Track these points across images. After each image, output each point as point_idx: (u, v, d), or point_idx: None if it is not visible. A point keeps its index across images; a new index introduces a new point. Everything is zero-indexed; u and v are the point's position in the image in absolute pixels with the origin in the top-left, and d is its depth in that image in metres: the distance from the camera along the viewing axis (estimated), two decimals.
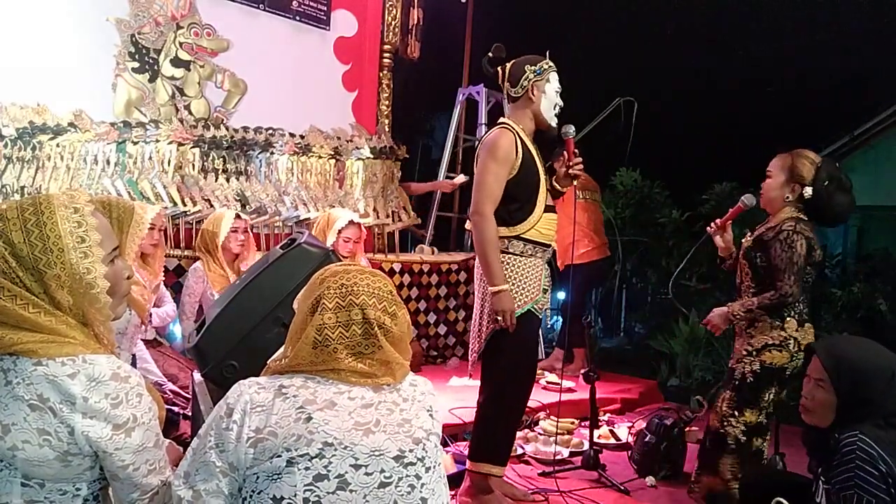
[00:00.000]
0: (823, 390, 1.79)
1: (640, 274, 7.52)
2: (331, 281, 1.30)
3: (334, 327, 1.26)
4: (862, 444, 1.63)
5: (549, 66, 2.71)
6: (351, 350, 1.26)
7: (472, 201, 2.63)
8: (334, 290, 1.28)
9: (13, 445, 1.11)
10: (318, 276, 1.34)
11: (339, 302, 1.27)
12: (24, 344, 1.12)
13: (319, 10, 4.92)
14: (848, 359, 1.78)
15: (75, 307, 1.17)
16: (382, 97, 5.31)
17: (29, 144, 3.73)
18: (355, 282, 1.29)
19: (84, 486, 1.19)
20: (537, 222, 2.65)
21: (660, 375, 5.52)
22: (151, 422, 1.21)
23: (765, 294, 2.56)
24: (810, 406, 1.84)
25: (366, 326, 1.27)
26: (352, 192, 4.91)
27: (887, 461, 1.59)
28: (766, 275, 2.58)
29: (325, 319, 1.26)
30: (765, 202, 2.71)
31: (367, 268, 1.38)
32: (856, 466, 1.61)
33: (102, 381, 1.14)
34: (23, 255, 1.14)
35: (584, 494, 2.90)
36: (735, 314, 2.63)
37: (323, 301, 1.27)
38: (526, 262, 2.66)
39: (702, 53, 8.12)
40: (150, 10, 4.21)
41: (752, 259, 2.63)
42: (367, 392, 1.27)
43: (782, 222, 2.56)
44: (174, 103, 4.32)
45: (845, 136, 7.50)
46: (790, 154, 2.66)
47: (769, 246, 2.55)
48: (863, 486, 1.59)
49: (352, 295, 1.28)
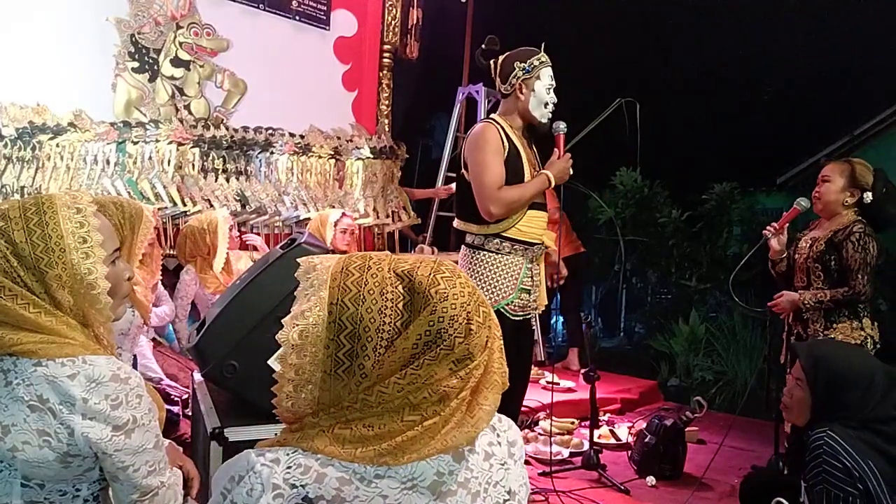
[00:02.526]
0: (801, 389, 1.85)
1: (640, 274, 7.53)
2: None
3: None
4: (829, 439, 1.68)
5: (539, 62, 2.63)
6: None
7: (478, 202, 2.57)
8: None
9: (13, 446, 1.11)
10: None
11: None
12: (24, 344, 1.12)
13: (319, 10, 4.92)
14: (826, 360, 1.83)
15: (76, 307, 1.17)
16: (382, 97, 5.31)
17: (29, 144, 3.73)
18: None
19: (84, 487, 1.19)
20: (519, 220, 2.60)
21: (660, 375, 5.52)
22: (151, 423, 1.21)
23: (838, 289, 2.64)
24: (788, 403, 1.92)
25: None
26: (352, 192, 4.90)
27: (852, 455, 1.64)
28: (840, 276, 2.67)
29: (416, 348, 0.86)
30: (822, 206, 2.79)
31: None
32: (823, 462, 1.66)
33: (102, 382, 1.14)
34: (24, 255, 1.14)
35: (584, 494, 2.90)
36: (805, 302, 2.70)
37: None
38: (501, 260, 2.61)
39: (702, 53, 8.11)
40: (149, 10, 4.20)
41: (827, 262, 2.69)
42: (422, 498, 0.86)
43: (851, 224, 2.67)
44: (174, 103, 4.31)
45: (845, 136, 7.49)
46: (847, 161, 2.79)
47: (841, 247, 2.64)
48: (830, 481, 1.64)
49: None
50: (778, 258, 2.90)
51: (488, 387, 0.91)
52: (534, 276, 2.70)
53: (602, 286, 7.90)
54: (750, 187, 7.52)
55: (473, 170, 2.59)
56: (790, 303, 2.76)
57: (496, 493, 0.91)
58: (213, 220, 3.51)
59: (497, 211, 2.56)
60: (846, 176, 2.73)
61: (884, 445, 1.68)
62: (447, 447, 0.86)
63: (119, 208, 2.11)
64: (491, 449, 0.93)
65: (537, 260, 2.74)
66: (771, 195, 9.16)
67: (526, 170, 2.62)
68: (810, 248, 2.77)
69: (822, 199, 2.78)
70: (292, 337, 0.88)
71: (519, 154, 2.62)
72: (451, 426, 0.86)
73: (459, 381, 0.87)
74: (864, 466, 1.61)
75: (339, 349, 0.86)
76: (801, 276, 2.81)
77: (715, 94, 8.22)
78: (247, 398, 1.74)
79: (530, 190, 2.59)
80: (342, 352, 0.86)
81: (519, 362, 2.78)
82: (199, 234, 3.47)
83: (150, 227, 2.21)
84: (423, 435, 0.85)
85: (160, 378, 3.00)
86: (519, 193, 2.57)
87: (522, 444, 0.98)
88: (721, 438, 3.30)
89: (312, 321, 0.88)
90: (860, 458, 1.63)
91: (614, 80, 6.59)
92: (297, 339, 0.88)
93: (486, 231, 2.62)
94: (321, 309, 0.88)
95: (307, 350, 0.87)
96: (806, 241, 2.81)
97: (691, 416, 3.21)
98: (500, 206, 2.55)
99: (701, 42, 8.02)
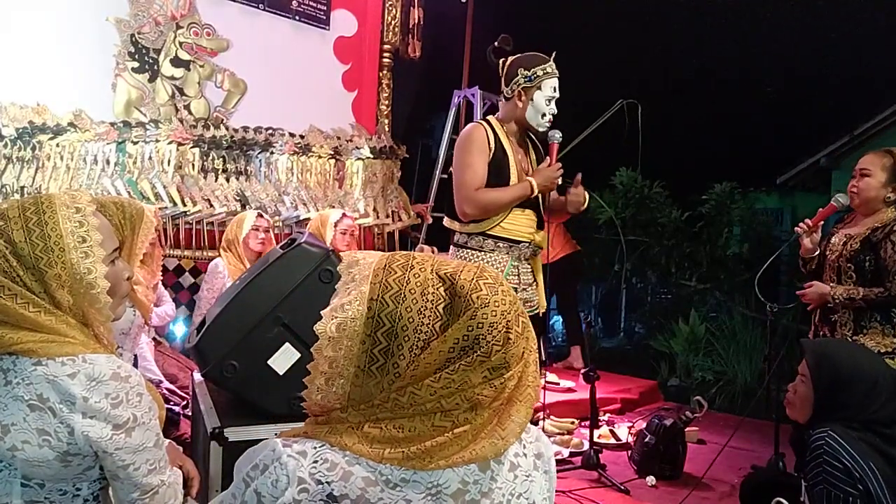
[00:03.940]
0: (804, 385, 1.84)
1: (640, 274, 7.53)
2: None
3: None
4: (829, 439, 1.67)
5: (544, 72, 2.60)
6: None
7: (455, 200, 2.60)
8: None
9: (13, 446, 1.11)
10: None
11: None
12: (23, 343, 1.12)
13: (319, 10, 4.92)
14: (831, 359, 1.81)
15: (75, 307, 1.17)
16: (382, 97, 5.31)
17: (29, 144, 3.73)
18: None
19: (84, 486, 1.19)
20: (503, 219, 2.61)
21: (660, 375, 5.52)
22: (151, 421, 1.21)
23: (872, 289, 2.46)
24: (791, 399, 1.90)
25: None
26: (352, 192, 4.91)
27: (853, 455, 1.63)
28: (874, 278, 2.49)
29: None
30: (861, 202, 2.58)
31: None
32: (823, 461, 1.65)
33: (102, 380, 1.14)
34: (23, 254, 1.14)
35: (584, 494, 2.90)
36: (836, 297, 2.52)
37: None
38: (483, 258, 2.62)
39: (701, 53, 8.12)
40: (149, 10, 4.21)
41: (861, 262, 2.51)
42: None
43: (892, 222, 2.48)
44: (174, 103, 4.31)
45: (845, 136, 7.49)
46: (888, 152, 2.56)
47: (880, 246, 2.46)
48: (830, 481, 1.63)
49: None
50: (809, 256, 2.70)
51: (521, 399, 0.89)
52: (521, 275, 2.69)
53: (602, 286, 7.91)
54: (750, 187, 7.53)
55: (455, 169, 2.62)
56: (819, 295, 2.56)
57: None
58: (242, 216, 3.60)
59: (471, 211, 2.57)
60: (888, 169, 2.50)
61: (885, 447, 1.67)
62: (476, 457, 0.84)
63: (120, 208, 2.11)
64: (517, 460, 0.91)
65: (526, 258, 2.72)
66: (771, 195, 9.16)
67: (513, 173, 2.61)
68: (844, 246, 2.56)
69: (861, 195, 2.56)
70: (330, 329, 0.87)
71: (506, 156, 2.61)
72: (482, 436, 0.85)
73: (493, 391, 0.85)
74: (865, 467, 1.61)
75: (375, 346, 0.85)
76: (830, 273, 2.61)
77: (715, 94, 8.23)
78: (247, 398, 1.74)
79: (510, 194, 2.57)
80: (378, 349, 0.85)
81: None
82: (230, 227, 3.57)
83: (151, 227, 2.21)
84: (453, 442, 0.84)
85: (159, 380, 3.00)
86: (495, 196, 2.56)
87: (552, 456, 0.97)
88: (721, 438, 3.30)
89: (351, 315, 0.86)
90: (861, 458, 1.62)
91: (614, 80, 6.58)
92: (334, 332, 0.86)
93: (468, 229, 2.64)
94: (361, 304, 0.86)
95: (343, 343, 0.86)
96: (840, 238, 2.60)
97: (691, 416, 3.21)
98: (474, 206, 2.56)
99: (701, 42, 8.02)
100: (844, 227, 2.67)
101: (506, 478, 0.89)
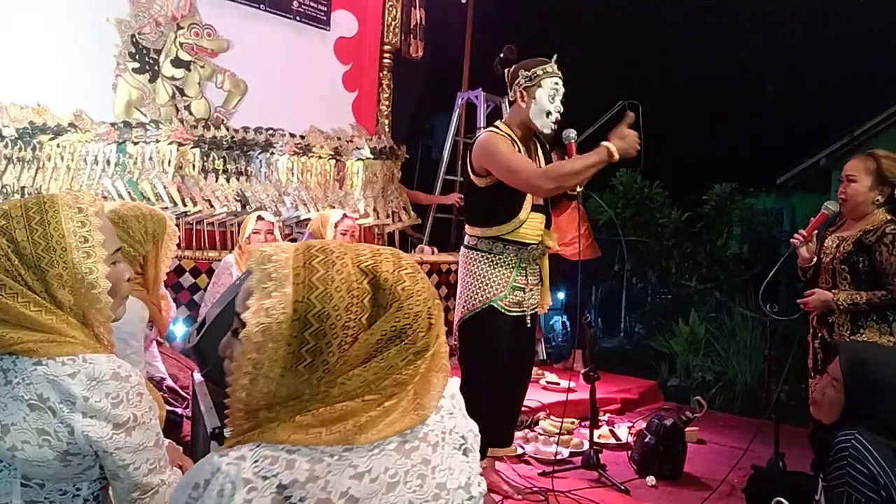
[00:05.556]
0: (835, 389, 1.79)
1: (640, 274, 7.53)
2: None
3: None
4: (857, 443, 1.64)
5: (545, 71, 2.63)
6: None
7: (523, 188, 2.57)
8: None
9: (13, 446, 1.11)
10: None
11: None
12: (24, 343, 1.12)
13: (319, 11, 4.92)
14: (866, 366, 1.77)
15: (76, 307, 1.17)
16: (382, 97, 5.31)
17: (29, 145, 3.73)
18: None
19: (84, 486, 1.19)
20: (521, 224, 2.63)
21: (660, 375, 5.52)
22: (152, 421, 1.21)
23: (875, 293, 2.48)
24: (819, 400, 1.86)
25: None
26: (352, 192, 4.91)
27: (879, 461, 1.60)
28: (868, 279, 2.51)
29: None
30: (850, 207, 2.62)
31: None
32: (847, 465, 1.62)
33: (103, 380, 1.14)
34: (25, 254, 1.14)
35: (584, 494, 2.90)
36: (840, 303, 2.53)
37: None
38: (492, 259, 2.66)
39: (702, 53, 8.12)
40: (150, 11, 4.21)
41: (854, 264, 2.53)
42: (390, 458, 0.88)
43: (883, 225, 2.51)
44: (174, 103, 4.32)
45: (845, 136, 7.50)
46: (869, 156, 2.60)
47: (874, 250, 2.49)
48: (852, 485, 1.60)
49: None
50: (808, 265, 2.72)
51: (437, 369, 0.95)
52: (528, 276, 2.72)
53: (602, 286, 7.90)
54: (750, 188, 7.53)
55: (501, 169, 2.57)
56: (822, 302, 2.58)
57: (452, 439, 0.95)
58: (247, 217, 3.60)
59: (548, 185, 2.54)
60: (873, 173, 2.54)
61: None
62: (405, 426, 0.90)
63: (142, 222, 2.06)
64: (440, 402, 0.97)
65: (535, 260, 2.75)
66: (771, 195, 9.16)
67: None
68: (837, 249, 2.60)
69: (850, 201, 2.60)
70: (254, 333, 0.85)
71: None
72: (409, 407, 0.91)
73: (415, 369, 0.91)
74: (892, 475, 1.58)
75: (303, 346, 0.84)
76: (825, 276, 2.64)
77: (715, 94, 8.24)
78: None
79: (582, 163, 2.50)
80: (305, 348, 0.85)
81: (518, 361, 2.79)
82: (242, 226, 3.57)
83: (174, 238, 2.15)
84: (384, 414, 0.88)
85: (162, 377, 3.00)
86: (570, 168, 2.51)
87: (460, 395, 1.03)
88: (721, 438, 3.30)
89: (276, 319, 0.84)
90: (887, 465, 1.59)
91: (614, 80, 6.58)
92: (259, 337, 0.84)
93: (485, 234, 2.66)
94: (286, 306, 0.85)
95: (267, 346, 0.84)
96: (833, 241, 2.64)
97: (691, 416, 3.21)
98: (549, 180, 2.53)
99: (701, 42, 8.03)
100: (837, 229, 2.70)
101: (434, 419, 0.94)
